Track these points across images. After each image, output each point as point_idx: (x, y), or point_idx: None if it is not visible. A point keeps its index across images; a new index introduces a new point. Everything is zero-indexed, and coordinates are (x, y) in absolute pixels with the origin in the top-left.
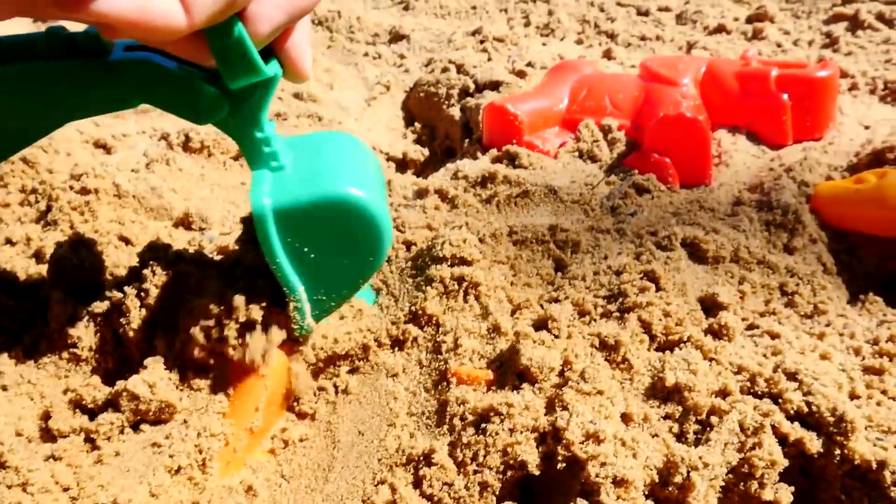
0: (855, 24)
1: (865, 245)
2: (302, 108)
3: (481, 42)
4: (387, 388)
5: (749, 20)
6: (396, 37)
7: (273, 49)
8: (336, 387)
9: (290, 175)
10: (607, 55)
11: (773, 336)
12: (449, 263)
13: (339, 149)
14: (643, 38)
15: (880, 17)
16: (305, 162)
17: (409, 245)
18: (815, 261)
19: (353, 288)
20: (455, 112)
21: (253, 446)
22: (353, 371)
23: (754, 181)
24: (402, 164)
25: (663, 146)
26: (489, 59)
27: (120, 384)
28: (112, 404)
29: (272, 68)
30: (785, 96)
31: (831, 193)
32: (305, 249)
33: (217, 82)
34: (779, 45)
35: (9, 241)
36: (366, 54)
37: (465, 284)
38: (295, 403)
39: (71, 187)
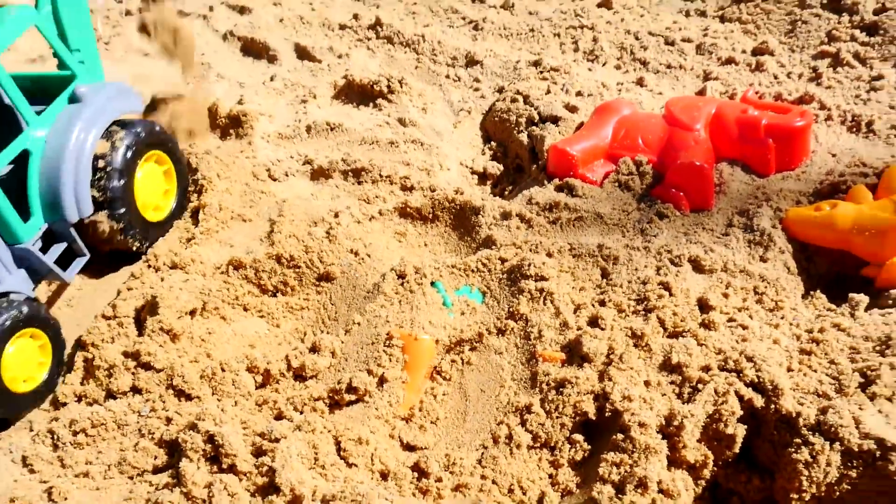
0: (836, 61)
1: (819, 254)
2: (407, 135)
3: (541, 73)
4: (496, 362)
5: (754, 52)
6: (471, 61)
7: None
8: (462, 359)
9: None
10: (640, 82)
11: (744, 328)
12: (534, 279)
13: None
14: (669, 67)
15: (856, 55)
16: None
17: (503, 260)
18: (781, 266)
19: None
20: (524, 138)
21: (415, 399)
22: (472, 349)
23: (743, 207)
24: (483, 177)
25: (679, 183)
26: (548, 92)
27: None
28: None
29: None
30: (770, 140)
31: (797, 217)
32: None
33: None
34: (775, 77)
35: None
36: (447, 76)
37: (544, 293)
38: (437, 372)
39: None
